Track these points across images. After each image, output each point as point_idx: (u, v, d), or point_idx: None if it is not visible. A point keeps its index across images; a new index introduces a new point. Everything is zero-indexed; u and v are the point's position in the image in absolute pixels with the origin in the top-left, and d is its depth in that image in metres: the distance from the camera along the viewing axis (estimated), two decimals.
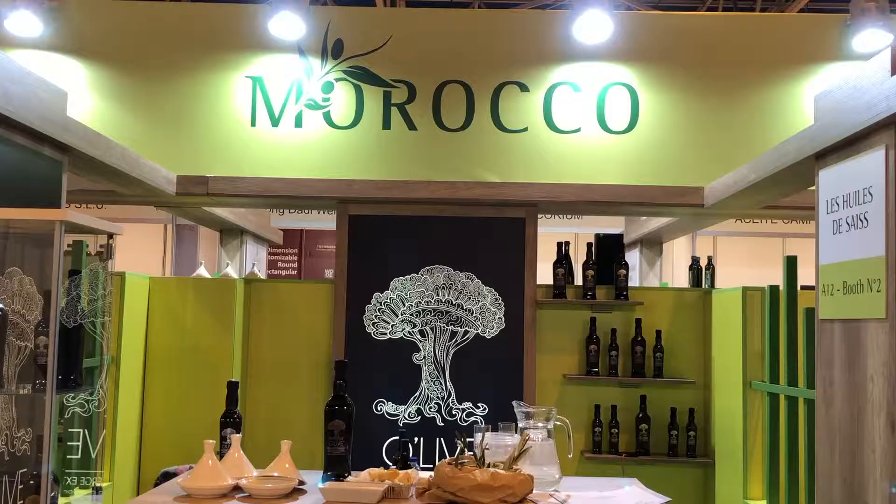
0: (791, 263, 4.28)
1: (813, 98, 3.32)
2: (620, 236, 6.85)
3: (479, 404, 5.28)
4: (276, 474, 2.96)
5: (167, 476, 3.68)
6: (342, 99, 5.40)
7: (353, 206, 5.37)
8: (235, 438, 3.06)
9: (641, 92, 5.41)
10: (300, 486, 2.96)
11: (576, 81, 5.41)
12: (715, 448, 5.21)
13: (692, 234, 8.69)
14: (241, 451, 3.04)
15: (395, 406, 5.29)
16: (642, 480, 3.31)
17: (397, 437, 3.71)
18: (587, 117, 5.40)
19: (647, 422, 5.31)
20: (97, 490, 3.93)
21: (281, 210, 8.72)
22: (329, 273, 9.43)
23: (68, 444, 3.93)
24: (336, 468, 3.01)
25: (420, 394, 5.29)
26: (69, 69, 5.39)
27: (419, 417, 5.27)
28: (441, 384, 5.29)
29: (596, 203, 5.26)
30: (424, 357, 5.30)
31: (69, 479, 3.94)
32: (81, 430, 3.93)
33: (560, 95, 5.40)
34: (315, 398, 5.30)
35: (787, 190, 4.37)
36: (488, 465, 2.78)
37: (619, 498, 2.87)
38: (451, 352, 5.30)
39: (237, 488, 2.87)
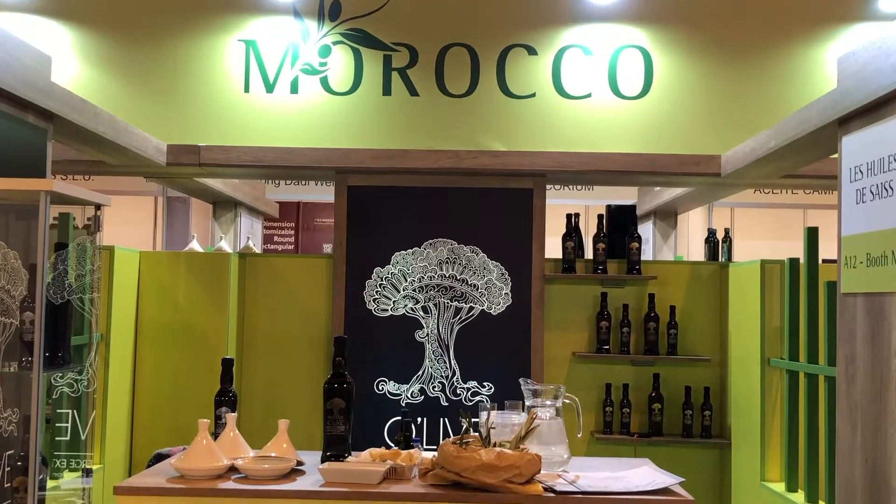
0: (812, 235, 4.27)
1: (836, 60, 3.30)
2: (633, 208, 6.84)
3: (484, 383, 5.30)
4: (273, 454, 2.98)
5: (160, 458, 3.71)
6: (340, 63, 5.38)
7: (351, 177, 5.37)
8: (230, 417, 3.08)
9: (656, 55, 5.38)
10: (298, 467, 2.98)
11: (586, 44, 5.39)
12: (731, 428, 5.23)
13: (708, 206, 8.66)
14: (237, 431, 3.07)
15: (397, 385, 5.31)
16: (655, 462, 3.33)
17: (399, 418, 3.73)
18: (598, 82, 5.38)
19: (661, 401, 5.34)
20: (87, 472, 3.95)
21: (277, 181, 8.70)
22: (327, 248, 9.45)
23: (57, 425, 3.96)
24: (336, 448, 3.03)
25: (423, 372, 5.32)
26: (53, 33, 5.37)
27: (422, 397, 5.30)
28: (445, 363, 5.31)
29: (607, 173, 5.25)
30: (428, 334, 5.31)
31: (58, 462, 3.97)
32: (70, 411, 3.95)
33: (570, 59, 5.38)
34: (314, 376, 5.33)
35: (808, 158, 4.36)
36: (494, 445, 2.80)
37: (630, 478, 2.89)
38: (456, 329, 5.31)
39: (233, 469, 2.89)
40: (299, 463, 2.99)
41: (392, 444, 3.64)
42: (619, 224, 5.74)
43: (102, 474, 4.68)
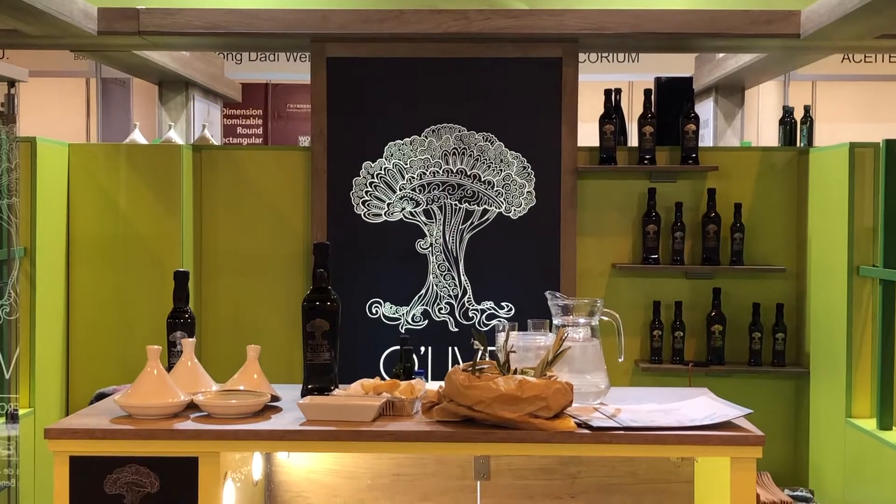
0: None
1: None
2: (689, 81, 6.77)
3: (502, 304, 5.33)
4: (241, 388, 3.01)
5: (102, 398, 3.76)
6: None
7: (331, 46, 5.32)
8: (187, 343, 3.10)
9: None
10: (273, 403, 3.01)
11: None
12: (810, 354, 5.27)
13: (784, 78, 8.59)
14: (196, 360, 3.09)
15: (394, 308, 5.35)
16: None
17: (398, 347, 3.77)
18: None
19: (722, 322, 5.36)
20: (13, 417, 4.02)
21: (238, 55, 8.65)
22: (304, 140, 9.42)
23: None
24: (319, 380, 3.06)
25: (427, 291, 5.35)
26: None
27: (426, 321, 5.34)
28: (453, 279, 5.34)
29: (656, 36, 5.20)
30: (431, 245, 5.33)
31: None
32: None
33: None
34: (290, 295, 5.35)
35: None
36: (515, 372, 2.82)
37: (684, 411, 2.91)
38: (466, 237, 5.33)
39: (192, 406, 2.92)
40: (274, 398, 3.02)
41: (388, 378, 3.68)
42: (672, 102, 5.70)
43: (33, 419, 4.75)
